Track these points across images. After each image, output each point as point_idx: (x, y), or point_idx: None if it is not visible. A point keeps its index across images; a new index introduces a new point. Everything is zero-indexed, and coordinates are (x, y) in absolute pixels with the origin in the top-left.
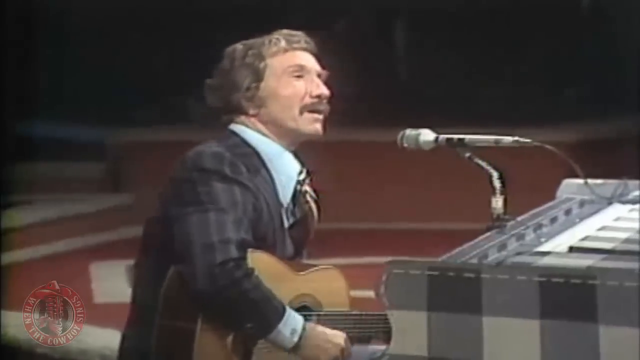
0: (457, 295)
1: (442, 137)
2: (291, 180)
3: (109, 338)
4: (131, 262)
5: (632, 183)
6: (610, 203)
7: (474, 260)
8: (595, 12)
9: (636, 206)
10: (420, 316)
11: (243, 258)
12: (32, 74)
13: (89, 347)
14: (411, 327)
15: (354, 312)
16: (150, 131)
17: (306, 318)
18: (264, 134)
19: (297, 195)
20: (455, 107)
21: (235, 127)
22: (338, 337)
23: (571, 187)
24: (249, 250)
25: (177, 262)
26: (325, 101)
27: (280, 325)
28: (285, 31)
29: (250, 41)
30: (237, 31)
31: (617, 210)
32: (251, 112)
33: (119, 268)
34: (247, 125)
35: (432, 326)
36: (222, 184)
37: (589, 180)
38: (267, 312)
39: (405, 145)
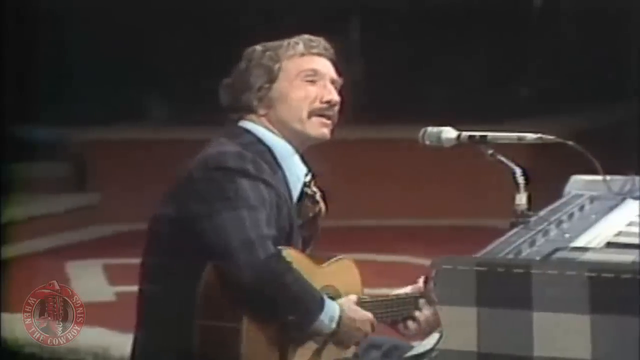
0: (506, 291)
1: (465, 134)
2: (299, 181)
3: (98, 336)
4: (106, 261)
5: None
6: (623, 199)
7: (510, 257)
8: (545, 12)
9: None
10: (469, 312)
11: (280, 253)
12: None
13: (79, 345)
14: (461, 323)
15: (368, 299)
16: (112, 130)
17: None
18: (275, 134)
19: (302, 196)
20: (405, 106)
21: (248, 125)
22: (366, 323)
23: (579, 183)
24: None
25: (214, 259)
26: (335, 107)
27: (322, 315)
28: (305, 36)
29: (270, 44)
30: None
31: (634, 206)
32: (261, 112)
33: (96, 267)
34: (258, 124)
35: (481, 322)
36: (248, 181)
37: (596, 177)
38: (309, 303)
39: (427, 142)
